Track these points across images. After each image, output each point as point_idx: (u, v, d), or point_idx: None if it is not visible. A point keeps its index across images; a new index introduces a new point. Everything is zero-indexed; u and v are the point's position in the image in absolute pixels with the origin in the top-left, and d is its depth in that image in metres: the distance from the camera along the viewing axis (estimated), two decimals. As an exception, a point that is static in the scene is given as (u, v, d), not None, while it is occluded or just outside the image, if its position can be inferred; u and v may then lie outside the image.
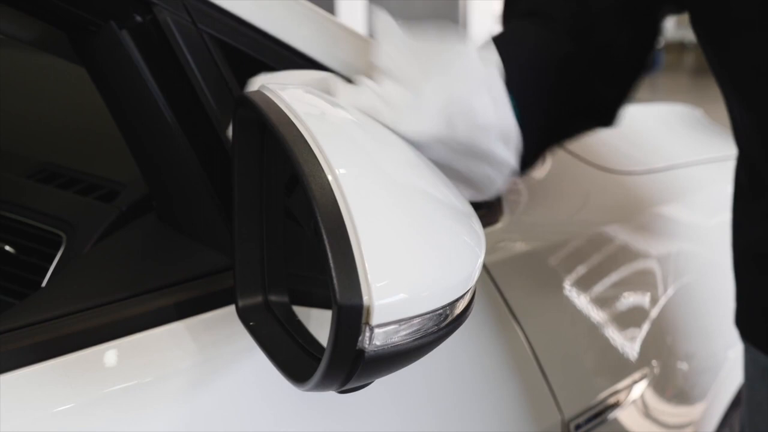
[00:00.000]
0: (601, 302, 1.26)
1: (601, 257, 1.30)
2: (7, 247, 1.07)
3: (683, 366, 1.39)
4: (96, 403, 0.77)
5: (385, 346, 0.65)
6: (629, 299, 1.32)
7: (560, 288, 1.20)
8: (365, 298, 0.62)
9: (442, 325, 0.69)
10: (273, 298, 0.82)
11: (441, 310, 0.68)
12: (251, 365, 0.84)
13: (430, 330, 0.68)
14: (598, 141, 1.46)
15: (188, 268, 0.88)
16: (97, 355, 0.79)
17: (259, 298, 0.82)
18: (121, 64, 0.88)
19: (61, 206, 1.07)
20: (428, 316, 0.67)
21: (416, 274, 0.66)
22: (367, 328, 0.63)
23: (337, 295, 0.62)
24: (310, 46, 0.98)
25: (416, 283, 0.66)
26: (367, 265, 0.62)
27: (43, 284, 0.99)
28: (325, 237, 0.63)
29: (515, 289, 1.13)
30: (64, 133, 1.27)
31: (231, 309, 0.83)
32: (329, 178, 0.66)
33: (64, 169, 1.15)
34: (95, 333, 0.79)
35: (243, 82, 0.91)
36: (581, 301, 1.23)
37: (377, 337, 0.64)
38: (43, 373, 0.75)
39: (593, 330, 1.24)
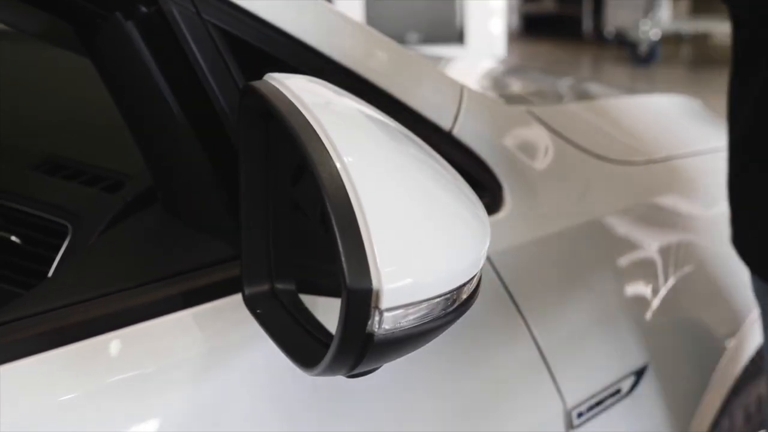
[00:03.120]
0: (604, 293, 1.27)
1: (603, 247, 1.30)
2: (13, 238, 1.08)
3: (685, 356, 1.40)
4: (102, 392, 0.78)
5: (394, 330, 0.66)
6: (631, 290, 1.33)
7: (563, 278, 1.21)
8: (374, 283, 0.63)
9: (449, 309, 0.70)
10: (279, 286, 0.83)
11: (448, 295, 0.69)
12: (258, 353, 0.85)
13: (437, 314, 0.69)
14: (598, 131, 1.47)
15: (194, 258, 0.89)
16: (103, 344, 0.79)
17: (265, 286, 0.83)
18: (126, 56, 0.88)
19: (66, 197, 1.07)
20: (435, 300, 0.68)
21: (424, 260, 0.67)
22: (376, 312, 0.64)
23: (347, 280, 0.62)
24: (312, 36, 0.98)
25: (424, 268, 0.67)
26: (375, 250, 0.63)
27: (50, 274, 0.99)
28: (334, 223, 0.64)
29: (518, 279, 1.14)
30: (69, 125, 1.27)
31: (237, 297, 0.84)
32: (338, 165, 0.67)
33: (69, 161, 1.16)
34: (101, 322, 0.80)
35: (247, 72, 0.91)
36: (584, 291, 1.24)
37: (386, 321, 0.65)
38: (49, 362, 0.76)
39: (595, 320, 1.25)
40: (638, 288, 1.34)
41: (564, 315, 1.21)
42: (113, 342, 0.80)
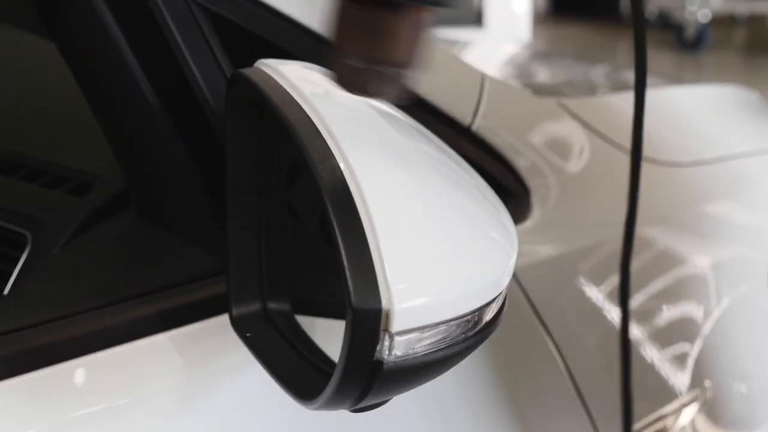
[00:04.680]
0: (643, 314, 1.27)
1: (645, 263, 1.30)
2: (-39, 249, 1.08)
3: (741, 388, 1.40)
4: (64, 428, 0.78)
5: (407, 357, 0.66)
6: (677, 312, 1.32)
7: (598, 297, 1.21)
8: (384, 302, 0.63)
9: (471, 333, 0.70)
10: (272, 305, 0.83)
11: (469, 316, 0.69)
12: (247, 383, 0.85)
13: (457, 338, 0.69)
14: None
15: (173, 272, 0.89)
16: (67, 372, 0.79)
17: (256, 306, 0.83)
18: (95, 37, 0.89)
19: (25, 201, 1.07)
20: (455, 322, 0.68)
21: (441, 275, 0.67)
22: (386, 336, 0.64)
23: (353, 298, 0.62)
24: (308, 14, 0.99)
25: (441, 285, 0.67)
26: (385, 264, 0.63)
27: (5, 291, 0.99)
28: (337, 231, 0.64)
29: (547, 299, 1.13)
30: (29, 117, 1.27)
31: (224, 319, 0.84)
32: (341, 165, 0.67)
33: (28, 159, 1.16)
34: (65, 347, 0.80)
35: (235, 57, 0.92)
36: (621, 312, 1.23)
37: (397, 346, 0.65)
38: (3, 392, 0.76)
39: (636, 346, 1.25)
40: (686, 310, 1.34)
41: (601, 340, 1.21)
42: (78, 370, 0.80)
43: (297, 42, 0.98)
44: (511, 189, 1.16)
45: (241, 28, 0.94)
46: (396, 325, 0.64)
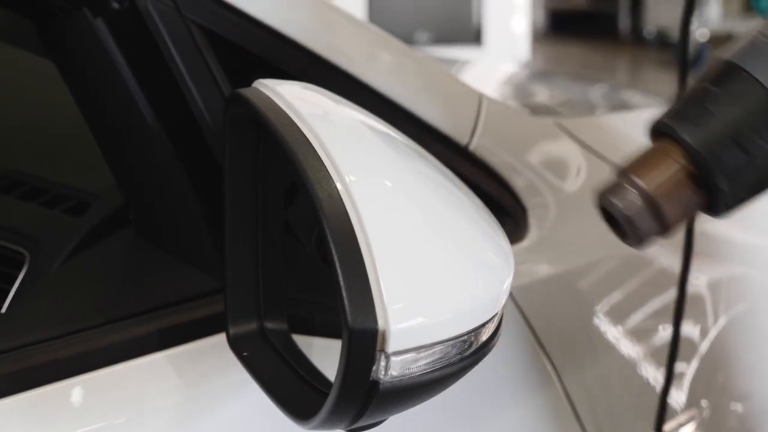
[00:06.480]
0: (641, 333, 1.27)
1: (641, 282, 1.30)
2: (-41, 268, 1.08)
3: (738, 407, 1.39)
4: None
5: (403, 377, 0.66)
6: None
7: (596, 316, 1.21)
8: (380, 322, 0.63)
9: (467, 353, 0.70)
10: (269, 325, 0.83)
11: (465, 337, 0.69)
12: (244, 402, 0.85)
13: (452, 359, 0.69)
14: (634, 147, 1.47)
15: (171, 291, 0.89)
16: (65, 390, 0.79)
17: (253, 325, 0.83)
18: (94, 57, 0.89)
19: (23, 220, 1.08)
20: (451, 342, 0.68)
21: (437, 296, 0.67)
22: (382, 356, 0.64)
23: (349, 319, 0.63)
24: (306, 34, 0.99)
25: (437, 305, 0.67)
26: (381, 284, 0.64)
27: (3, 309, 0.99)
28: (334, 252, 0.64)
29: (544, 318, 1.13)
30: (28, 136, 1.28)
31: (221, 338, 0.84)
32: (338, 186, 0.67)
33: (26, 177, 1.16)
34: (63, 365, 0.80)
35: (233, 77, 0.92)
36: (618, 331, 1.23)
37: (393, 367, 0.65)
38: (2, 411, 0.76)
39: (634, 365, 1.25)
40: (683, 329, 1.33)
41: (598, 359, 1.21)
42: (76, 388, 0.80)
43: (295, 62, 0.99)
44: (508, 208, 1.16)
45: (240, 48, 0.94)
46: (392, 346, 0.64)
